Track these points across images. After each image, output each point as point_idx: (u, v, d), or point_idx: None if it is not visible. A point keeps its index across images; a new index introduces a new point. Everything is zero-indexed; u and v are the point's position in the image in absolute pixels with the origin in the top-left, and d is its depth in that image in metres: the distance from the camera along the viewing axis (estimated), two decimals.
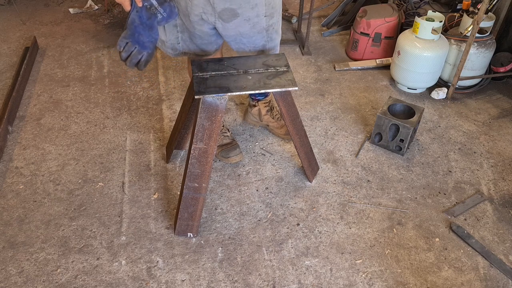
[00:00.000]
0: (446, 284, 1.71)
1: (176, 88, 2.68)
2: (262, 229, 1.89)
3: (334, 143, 2.32)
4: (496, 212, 1.99)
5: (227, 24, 1.75)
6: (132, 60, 1.67)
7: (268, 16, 1.80)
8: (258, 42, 1.87)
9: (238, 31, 1.78)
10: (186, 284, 1.68)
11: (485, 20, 2.48)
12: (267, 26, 1.83)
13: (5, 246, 1.79)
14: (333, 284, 1.70)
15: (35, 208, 1.94)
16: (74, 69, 2.82)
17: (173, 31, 1.83)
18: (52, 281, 1.67)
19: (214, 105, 1.64)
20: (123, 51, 1.65)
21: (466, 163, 2.24)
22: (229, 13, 1.71)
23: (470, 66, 2.59)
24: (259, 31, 1.82)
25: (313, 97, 2.64)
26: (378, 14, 2.88)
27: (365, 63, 2.92)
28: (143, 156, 2.21)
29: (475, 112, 2.58)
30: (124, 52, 1.65)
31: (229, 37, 1.82)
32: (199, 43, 1.86)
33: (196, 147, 1.68)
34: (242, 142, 2.31)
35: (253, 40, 1.85)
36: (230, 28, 1.77)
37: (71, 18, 3.40)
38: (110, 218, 1.91)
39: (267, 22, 1.82)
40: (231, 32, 1.79)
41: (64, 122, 2.40)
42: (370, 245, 1.84)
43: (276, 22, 1.86)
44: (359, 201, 2.02)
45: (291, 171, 2.16)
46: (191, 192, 1.74)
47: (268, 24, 1.83)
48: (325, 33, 3.27)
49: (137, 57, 1.67)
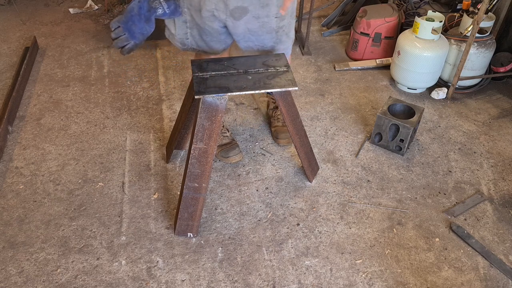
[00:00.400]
0: (446, 284, 1.71)
1: (176, 88, 2.68)
2: (262, 229, 1.89)
3: (334, 143, 2.32)
4: (496, 212, 1.99)
5: (237, 22, 1.76)
6: (118, 44, 1.72)
7: (279, 18, 1.81)
8: (267, 43, 1.87)
9: (246, 27, 1.79)
10: (186, 284, 1.68)
11: (485, 20, 2.48)
12: (277, 28, 1.83)
13: (5, 246, 1.79)
14: (333, 284, 1.70)
15: (35, 208, 1.94)
16: (74, 69, 2.82)
17: (182, 26, 1.84)
18: (52, 281, 1.67)
19: (214, 105, 1.64)
20: (113, 32, 1.71)
21: (466, 163, 2.24)
22: (240, 11, 1.73)
23: (470, 66, 2.59)
24: (268, 31, 1.83)
25: (313, 97, 2.64)
26: (378, 14, 2.88)
27: (365, 63, 2.92)
28: (143, 156, 2.21)
29: (475, 112, 2.58)
30: (114, 34, 1.71)
31: (238, 35, 1.83)
32: (208, 40, 1.87)
33: (196, 147, 1.68)
34: (242, 142, 2.31)
35: (261, 39, 1.85)
36: (239, 26, 1.78)
37: (71, 18, 3.40)
38: (110, 218, 1.91)
39: (277, 24, 1.82)
40: (240, 30, 1.80)
41: (64, 122, 2.40)
42: (370, 245, 1.84)
43: (287, 24, 1.86)
44: (359, 201, 2.02)
45: (291, 171, 2.16)
46: (191, 192, 1.74)
47: (279, 26, 1.83)
48: (325, 33, 3.27)
49: (123, 43, 1.72)
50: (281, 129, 2.29)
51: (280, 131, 2.28)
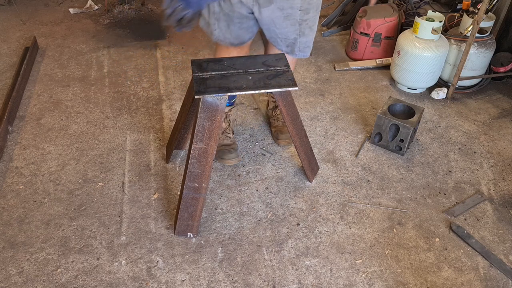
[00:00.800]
0: (446, 284, 1.71)
1: (176, 88, 2.68)
2: (262, 229, 1.89)
3: (334, 143, 2.32)
4: (496, 212, 1.99)
5: (263, 10, 1.80)
6: (175, 17, 1.65)
7: (303, 11, 1.83)
8: (290, 35, 1.91)
9: (271, 18, 1.83)
10: (186, 284, 1.68)
11: (485, 20, 2.48)
12: (301, 21, 1.86)
13: (5, 246, 1.79)
14: (333, 284, 1.70)
15: (35, 208, 1.94)
16: (74, 69, 2.82)
17: (211, 18, 1.88)
18: (52, 281, 1.67)
19: (214, 105, 1.64)
20: (168, 7, 1.64)
21: (466, 163, 2.24)
22: (266, 0, 1.77)
23: (470, 66, 2.59)
24: (292, 24, 1.87)
25: (313, 97, 2.64)
26: (378, 14, 2.88)
27: (365, 63, 2.92)
28: (143, 156, 2.21)
29: (475, 112, 2.58)
30: (169, 9, 1.64)
31: (263, 24, 1.88)
32: (236, 29, 1.90)
33: (196, 147, 1.68)
34: (242, 142, 2.31)
35: (285, 31, 1.89)
36: (264, 14, 1.82)
37: (71, 18, 3.40)
38: (110, 218, 1.91)
39: (301, 17, 1.85)
40: (265, 19, 1.84)
41: (64, 122, 2.40)
42: (370, 245, 1.84)
43: (311, 18, 1.89)
44: (359, 201, 2.02)
45: (291, 171, 2.16)
46: (191, 192, 1.74)
47: (302, 19, 1.86)
48: (325, 33, 3.27)
49: (181, 14, 1.65)
50: (281, 129, 2.29)
51: (280, 131, 2.28)
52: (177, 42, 3.12)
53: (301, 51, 1.99)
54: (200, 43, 3.11)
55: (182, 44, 3.10)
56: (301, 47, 1.97)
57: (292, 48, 1.97)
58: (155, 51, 3.02)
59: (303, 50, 1.99)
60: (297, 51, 1.99)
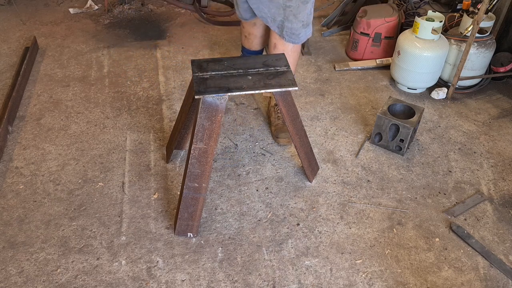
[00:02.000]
0: (446, 284, 1.71)
1: (176, 88, 2.68)
2: (262, 229, 1.89)
3: (334, 143, 2.32)
4: (496, 212, 1.99)
5: None
6: None
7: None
8: (277, 17, 2.07)
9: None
10: (186, 284, 1.68)
11: (485, 20, 2.48)
12: (284, 6, 2.00)
13: (5, 246, 1.79)
14: (333, 284, 1.70)
15: (35, 208, 1.94)
16: (74, 69, 2.82)
17: None
18: (52, 281, 1.67)
19: (214, 105, 1.64)
20: None
21: (466, 163, 2.24)
22: None
23: (470, 66, 2.59)
24: (276, 7, 2.02)
25: (313, 97, 2.64)
26: (378, 14, 2.88)
27: (365, 63, 2.92)
28: (143, 156, 2.21)
29: (475, 112, 2.58)
30: None
31: (252, 4, 2.09)
32: (240, 9, 2.23)
33: (196, 147, 1.68)
34: (242, 142, 2.31)
35: (272, 12, 2.06)
36: None
37: (71, 18, 3.40)
38: (110, 218, 1.91)
39: (284, 2, 1.99)
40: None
41: (64, 122, 2.40)
42: (370, 245, 1.84)
43: (294, 6, 2.00)
44: (359, 201, 2.02)
45: (291, 171, 2.16)
46: (191, 192, 1.74)
47: (286, 5, 2.00)
48: (325, 33, 3.27)
49: None
50: (281, 128, 2.29)
51: (280, 130, 2.28)
52: (177, 42, 3.12)
53: (290, 37, 2.12)
54: (200, 43, 3.11)
55: (182, 44, 3.10)
56: (288, 32, 2.11)
57: (281, 30, 2.11)
58: (155, 51, 3.02)
59: (290, 36, 2.12)
60: (286, 35, 2.12)
